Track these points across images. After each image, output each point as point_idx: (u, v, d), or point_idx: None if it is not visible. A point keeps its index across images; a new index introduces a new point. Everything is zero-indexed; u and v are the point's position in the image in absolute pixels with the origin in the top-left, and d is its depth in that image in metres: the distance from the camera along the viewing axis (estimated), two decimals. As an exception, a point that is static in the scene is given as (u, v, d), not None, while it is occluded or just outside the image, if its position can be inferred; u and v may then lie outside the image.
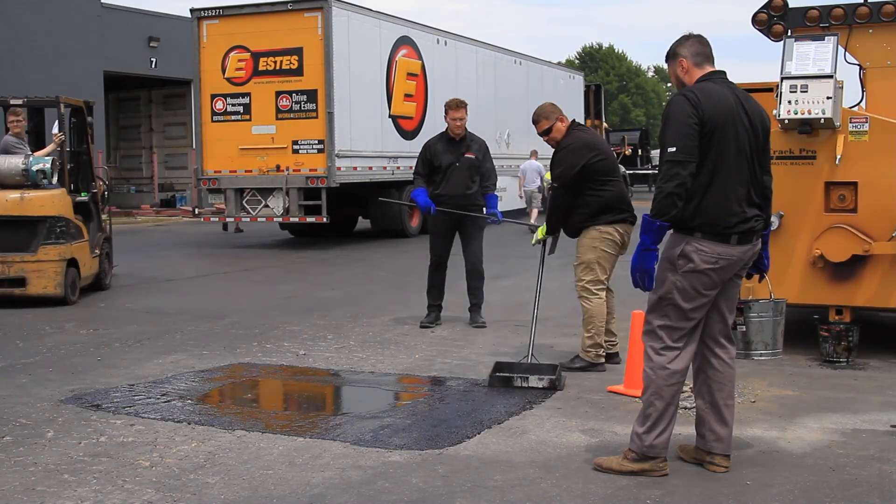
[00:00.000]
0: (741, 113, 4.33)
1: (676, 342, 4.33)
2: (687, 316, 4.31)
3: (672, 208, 4.17)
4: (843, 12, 7.33)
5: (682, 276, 4.27)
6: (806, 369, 6.66)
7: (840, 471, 4.45)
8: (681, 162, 4.16)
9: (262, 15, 17.09)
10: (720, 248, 4.26)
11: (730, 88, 4.40)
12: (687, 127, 4.19)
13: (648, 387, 4.35)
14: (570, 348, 7.38)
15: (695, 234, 4.26)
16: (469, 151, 8.60)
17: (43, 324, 8.80)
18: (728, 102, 4.31)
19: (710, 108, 4.22)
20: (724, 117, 4.25)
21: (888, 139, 6.76)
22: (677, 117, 4.22)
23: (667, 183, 4.17)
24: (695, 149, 4.18)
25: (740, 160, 4.30)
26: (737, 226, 4.28)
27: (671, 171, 4.17)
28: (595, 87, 32.08)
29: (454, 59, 21.19)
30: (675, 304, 4.30)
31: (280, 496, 4.14)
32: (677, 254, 4.28)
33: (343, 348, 7.56)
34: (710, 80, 4.40)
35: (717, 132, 4.23)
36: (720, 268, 4.28)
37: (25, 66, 29.81)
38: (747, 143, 4.33)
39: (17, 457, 4.71)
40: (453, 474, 4.40)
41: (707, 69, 4.45)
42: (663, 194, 4.17)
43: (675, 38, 4.55)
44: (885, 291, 6.77)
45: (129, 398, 5.94)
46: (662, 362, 4.32)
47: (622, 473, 4.35)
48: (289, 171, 16.80)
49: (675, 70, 4.52)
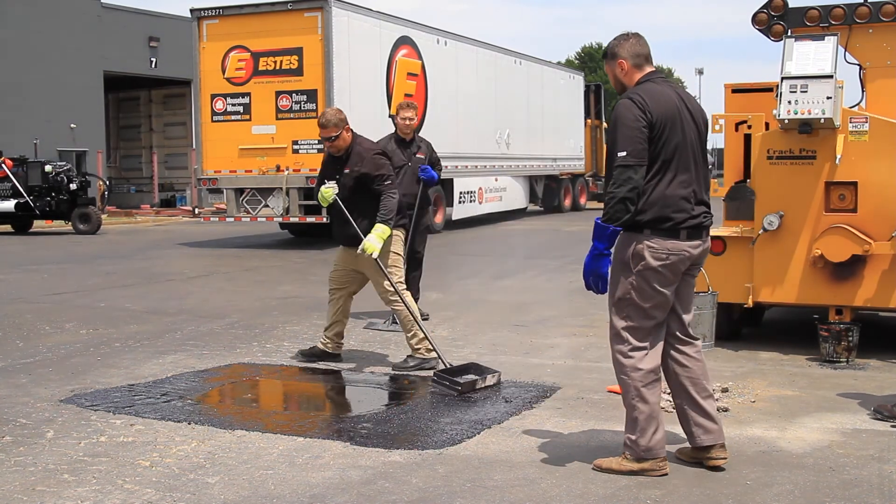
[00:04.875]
0: (685, 111, 4.39)
1: (642, 342, 4.35)
2: (648, 314, 4.34)
3: (624, 213, 4.20)
4: (843, 12, 7.33)
5: (636, 275, 4.31)
6: (806, 369, 6.66)
7: (840, 471, 4.45)
8: (632, 166, 4.19)
9: (262, 15, 17.09)
10: (670, 244, 4.29)
11: (671, 88, 4.45)
12: (636, 130, 4.21)
13: (628, 392, 4.36)
14: (571, 348, 7.39)
15: (644, 231, 4.29)
16: (419, 152, 8.78)
17: (43, 324, 8.80)
18: (672, 102, 4.36)
19: (657, 110, 4.26)
20: (670, 117, 4.30)
21: (888, 139, 6.76)
22: (626, 121, 4.25)
23: (619, 188, 4.18)
24: (644, 152, 4.22)
25: (687, 158, 4.35)
26: (685, 221, 4.31)
27: (622, 175, 4.19)
28: (595, 87, 32.08)
29: (454, 59, 21.19)
30: (635, 304, 4.32)
31: (280, 496, 4.14)
32: (629, 254, 4.32)
33: (343, 348, 7.55)
34: (652, 80, 4.42)
35: (665, 132, 4.27)
36: (672, 263, 4.31)
37: (25, 66, 29.83)
38: (693, 139, 4.39)
39: (17, 457, 4.71)
40: (453, 474, 4.40)
41: (646, 70, 4.47)
42: (616, 199, 4.18)
43: (614, 37, 4.55)
44: (885, 291, 6.78)
45: (129, 398, 5.94)
46: (634, 364, 4.34)
47: (622, 473, 4.35)
48: (289, 171, 16.81)
49: (615, 71, 4.51)
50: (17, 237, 21.38)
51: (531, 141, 25.35)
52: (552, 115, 26.97)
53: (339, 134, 6.71)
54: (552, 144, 26.99)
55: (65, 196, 21.82)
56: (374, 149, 6.88)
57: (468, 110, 21.27)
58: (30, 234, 22.43)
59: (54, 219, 22.37)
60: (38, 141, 27.68)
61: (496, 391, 6.03)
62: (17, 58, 29.52)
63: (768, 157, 7.02)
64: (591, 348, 7.39)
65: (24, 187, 21.75)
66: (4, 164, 21.90)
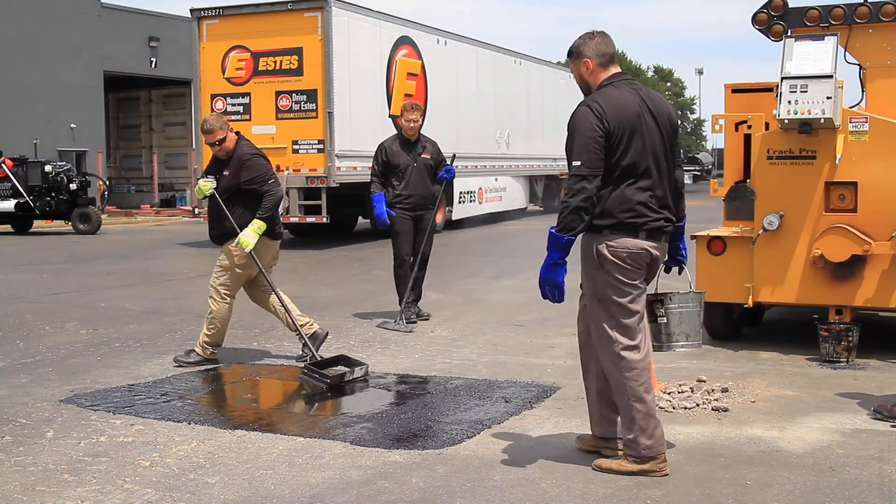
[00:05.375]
0: (646, 115, 4.36)
1: (632, 339, 4.37)
2: (629, 310, 4.37)
3: (579, 223, 4.22)
4: (843, 12, 7.33)
5: (605, 273, 4.35)
6: (806, 369, 6.66)
7: (840, 471, 4.44)
8: (586, 176, 4.20)
9: (262, 15, 17.09)
10: (629, 242, 4.33)
11: (633, 90, 4.41)
12: (591, 140, 4.22)
13: (623, 392, 4.35)
14: (571, 348, 7.38)
15: (603, 231, 4.32)
16: (425, 152, 8.79)
17: (43, 324, 8.80)
18: (633, 107, 4.32)
19: (614, 118, 4.25)
20: (629, 124, 4.28)
21: (888, 139, 6.76)
22: (582, 130, 4.25)
23: (573, 198, 4.21)
24: (600, 161, 4.22)
25: (648, 163, 4.33)
26: (645, 224, 4.34)
27: (577, 185, 4.21)
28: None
29: (454, 59, 21.19)
30: (615, 302, 4.36)
31: (280, 496, 4.14)
32: (593, 255, 4.36)
33: (343, 348, 7.55)
34: (613, 84, 4.41)
35: (623, 140, 4.26)
36: (632, 259, 4.34)
37: (25, 66, 29.84)
38: (655, 144, 4.36)
39: (17, 457, 4.71)
40: (453, 474, 4.40)
41: (611, 71, 4.47)
42: (570, 209, 4.20)
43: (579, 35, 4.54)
44: (885, 291, 6.77)
45: (129, 398, 5.94)
46: (628, 364, 4.34)
47: (622, 474, 4.36)
48: (289, 171, 16.80)
49: (580, 69, 4.51)
50: (17, 237, 21.38)
51: (531, 141, 25.35)
52: (552, 114, 26.94)
53: (224, 136, 6.91)
54: (552, 144, 26.94)
55: (65, 196, 21.82)
56: (253, 152, 7.07)
57: (468, 110, 21.26)
58: (30, 234, 22.43)
59: (54, 219, 22.38)
60: (38, 141, 27.68)
61: (496, 391, 6.03)
62: (17, 58, 29.52)
63: (768, 157, 7.02)
64: (591, 348, 7.39)
65: (24, 187, 21.75)
66: (4, 164, 21.90)
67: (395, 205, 8.68)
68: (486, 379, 6.38)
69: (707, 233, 7.49)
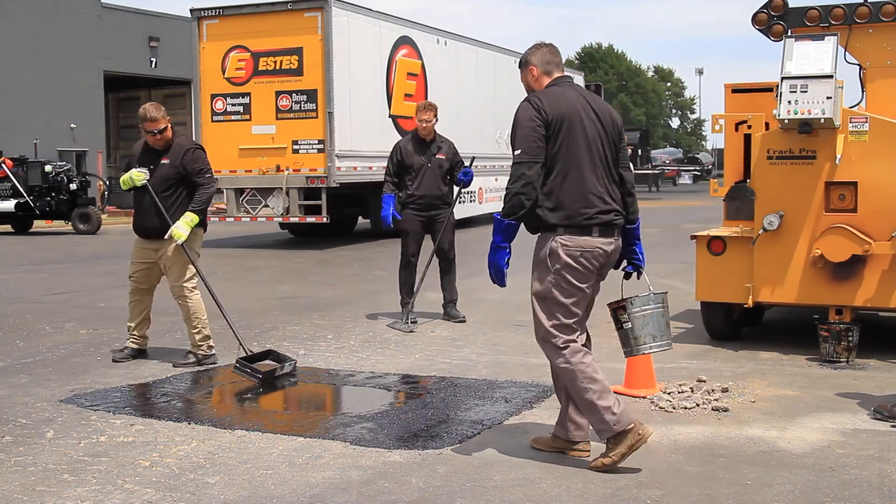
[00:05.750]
0: (588, 110, 4.52)
1: (571, 335, 4.49)
2: (571, 311, 4.48)
3: (520, 208, 4.38)
4: (843, 12, 7.33)
5: (554, 273, 4.45)
6: (806, 369, 6.66)
7: (840, 471, 4.45)
8: (525, 163, 4.38)
9: (262, 15, 17.08)
10: (582, 241, 4.43)
11: (576, 91, 4.59)
12: (530, 130, 4.40)
13: (574, 379, 4.44)
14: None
15: (557, 229, 4.44)
16: (440, 153, 8.75)
17: (43, 324, 8.80)
18: (572, 101, 4.49)
19: (552, 109, 4.42)
20: (568, 115, 4.44)
21: (888, 139, 6.76)
22: (522, 122, 4.45)
23: (514, 184, 4.40)
24: (539, 150, 4.39)
25: (592, 156, 4.48)
26: (596, 217, 4.45)
27: (517, 172, 4.40)
28: (595, 86, 32.06)
29: (454, 59, 21.19)
30: (558, 302, 4.46)
31: (280, 496, 4.14)
32: (546, 253, 4.47)
33: (343, 348, 7.56)
34: (557, 84, 4.60)
35: (563, 130, 4.42)
36: (586, 259, 4.45)
37: (25, 66, 29.84)
38: (597, 138, 4.50)
39: (17, 457, 4.71)
40: (453, 474, 4.40)
41: (555, 76, 4.65)
42: (511, 194, 4.40)
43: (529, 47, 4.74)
44: (885, 291, 6.77)
45: (129, 398, 5.94)
46: (568, 355, 4.45)
47: (617, 462, 4.38)
48: (289, 171, 16.80)
49: (527, 77, 4.70)
50: (17, 237, 21.38)
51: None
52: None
53: (165, 126, 6.94)
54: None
55: (65, 196, 21.82)
56: (195, 143, 7.19)
57: (468, 110, 21.26)
58: (30, 234, 22.43)
59: (54, 219, 22.37)
60: (38, 141, 27.68)
61: (496, 391, 6.03)
62: (17, 58, 29.53)
63: (768, 157, 7.02)
64: (591, 348, 7.39)
65: (24, 187, 21.75)
66: (4, 164, 21.91)
67: (408, 205, 8.68)
68: (486, 379, 6.39)
69: (707, 233, 7.49)
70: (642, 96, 73.23)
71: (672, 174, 54.86)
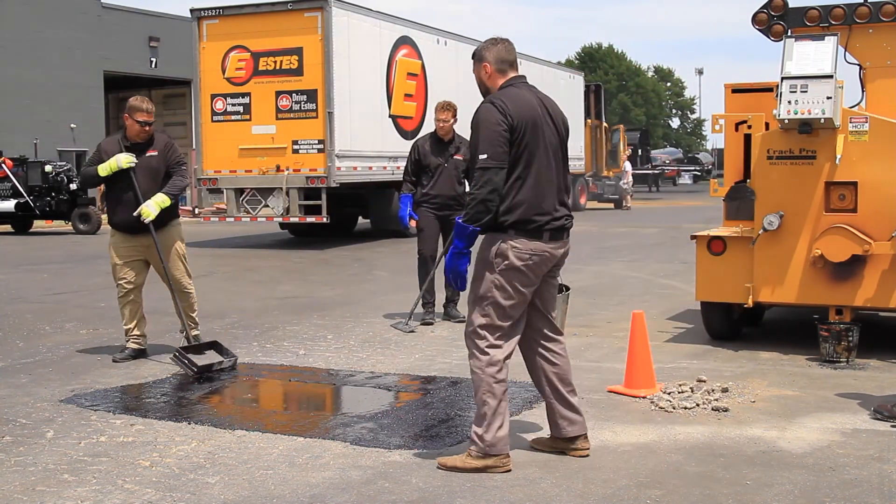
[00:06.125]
0: (546, 116, 4.49)
1: (498, 339, 4.45)
2: (507, 314, 4.44)
3: (485, 214, 4.32)
4: (843, 12, 7.33)
5: (499, 274, 4.40)
6: (806, 369, 6.66)
7: (840, 471, 4.44)
8: (492, 168, 4.31)
9: (262, 15, 17.09)
10: (533, 245, 4.40)
11: (532, 92, 4.55)
12: (496, 134, 4.32)
13: (480, 386, 4.43)
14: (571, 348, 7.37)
15: (508, 231, 4.39)
16: (458, 153, 8.73)
17: (43, 324, 8.81)
18: (534, 107, 4.46)
19: (517, 114, 4.36)
20: (532, 121, 4.40)
21: (888, 139, 6.76)
22: (487, 125, 4.35)
23: (480, 189, 4.31)
24: (505, 155, 4.33)
25: (549, 161, 4.47)
26: (549, 223, 4.44)
27: (483, 177, 4.30)
28: (595, 86, 32.07)
29: (454, 59, 21.17)
30: (496, 303, 4.42)
31: (280, 496, 4.14)
32: (493, 253, 4.41)
33: (343, 348, 7.56)
34: (514, 85, 4.53)
35: (526, 136, 4.38)
36: (534, 264, 4.42)
37: (26, 66, 29.85)
38: (555, 144, 4.50)
39: (17, 457, 4.71)
40: (453, 474, 4.40)
41: (510, 75, 4.58)
42: (477, 200, 4.31)
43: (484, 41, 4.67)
44: (885, 291, 6.77)
45: (129, 398, 5.94)
46: (489, 360, 4.42)
47: (466, 471, 4.39)
48: (289, 171, 16.80)
49: (479, 73, 4.64)
50: (17, 237, 21.39)
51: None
52: (552, 114, 26.92)
53: (154, 121, 7.13)
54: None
55: (65, 196, 21.83)
56: (169, 138, 7.35)
57: (468, 110, 21.21)
58: (30, 234, 22.43)
59: (54, 219, 22.38)
60: (38, 141, 27.69)
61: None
62: (17, 58, 29.53)
63: (768, 157, 7.02)
64: (591, 348, 7.39)
65: (24, 187, 21.76)
66: (4, 164, 21.91)
67: (422, 203, 8.70)
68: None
69: (707, 233, 7.50)
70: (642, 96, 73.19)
71: (672, 174, 54.83)
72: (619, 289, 10.81)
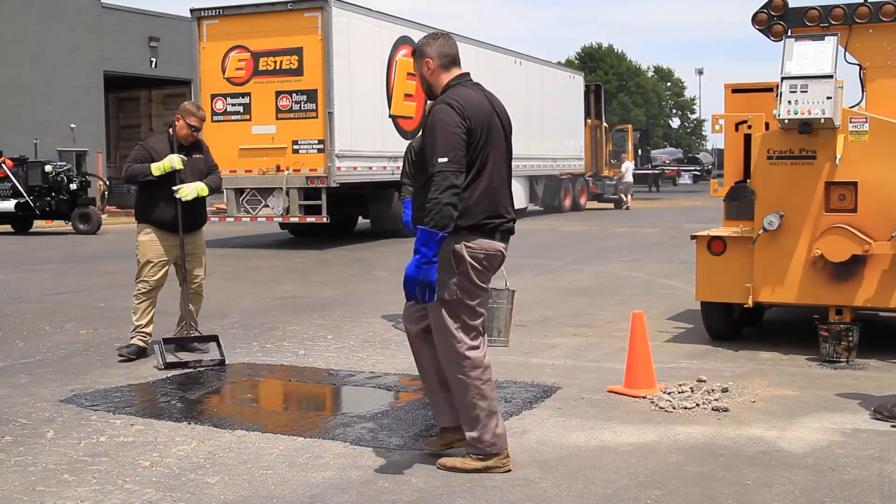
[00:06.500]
0: (496, 116, 4.45)
1: (475, 340, 4.44)
2: (476, 312, 4.44)
3: (450, 219, 4.19)
4: (843, 12, 7.33)
5: (459, 275, 4.37)
6: (806, 369, 6.66)
7: (840, 471, 4.44)
8: (453, 171, 4.21)
9: (262, 15, 17.10)
10: (486, 243, 4.39)
11: (481, 93, 4.48)
12: (457, 137, 4.24)
13: (467, 391, 4.39)
14: (571, 348, 7.39)
15: (462, 232, 4.34)
16: None
17: (43, 324, 8.80)
18: (486, 108, 4.41)
19: (474, 117, 4.31)
20: (486, 124, 4.36)
21: (888, 139, 6.76)
22: (447, 127, 4.25)
23: (442, 193, 4.17)
24: (464, 157, 4.26)
25: (500, 163, 4.45)
26: (502, 225, 4.43)
27: (445, 181, 4.18)
28: (595, 86, 32.08)
29: (454, 59, 21.18)
30: (463, 304, 4.39)
31: (280, 496, 4.14)
32: (449, 256, 4.35)
33: (343, 348, 7.56)
34: (463, 84, 4.45)
35: (482, 139, 4.34)
36: (488, 262, 4.42)
37: (25, 66, 29.85)
38: (503, 145, 4.48)
39: (17, 457, 4.71)
40: (453, 474, 4.40)
41: (454, 73, 4.51)
42: (441, 205, 4.14)
43: (424, 36, 4.59)
44: (885, 291, 6.77)
45: (129, 398, 5.94)
46: (472, 363, 4.40)
47: (466, 472, 4.38)
48: (289, 171, 16.81)
49: (422, 69, 4.55)
50: (17, 237, 21.39)
51: (531, 141, 25.34)
52: (552, 115, 26.96)
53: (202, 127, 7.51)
54: (552, 144, 26.98)
55: (65, 196, 21.83)
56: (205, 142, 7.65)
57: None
58: (30, 234, 22.44)
59: (54, 219, 22.39)
60: (38, 141, 27.70)
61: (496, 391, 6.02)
62: (17, 58, 29.54)
63: (768, 157, 7.03)
64: (591, 348, 7.40)
65: (24, 187, 21.76)
66: (4, 164, 21.91)
67: None
68: None
69: (707, 233, 7.49)
70: (642, 96, 73.17)
71: (672, 174, 54.82)
72: (619, 289, 10.81)
